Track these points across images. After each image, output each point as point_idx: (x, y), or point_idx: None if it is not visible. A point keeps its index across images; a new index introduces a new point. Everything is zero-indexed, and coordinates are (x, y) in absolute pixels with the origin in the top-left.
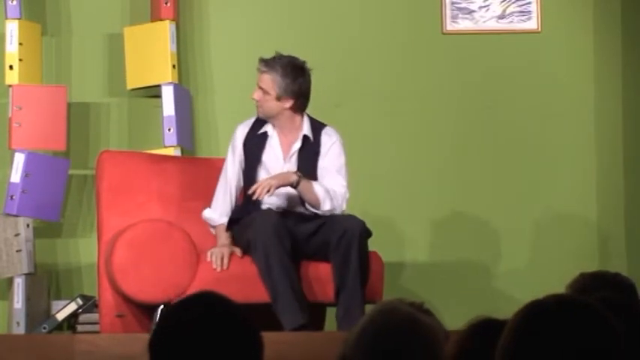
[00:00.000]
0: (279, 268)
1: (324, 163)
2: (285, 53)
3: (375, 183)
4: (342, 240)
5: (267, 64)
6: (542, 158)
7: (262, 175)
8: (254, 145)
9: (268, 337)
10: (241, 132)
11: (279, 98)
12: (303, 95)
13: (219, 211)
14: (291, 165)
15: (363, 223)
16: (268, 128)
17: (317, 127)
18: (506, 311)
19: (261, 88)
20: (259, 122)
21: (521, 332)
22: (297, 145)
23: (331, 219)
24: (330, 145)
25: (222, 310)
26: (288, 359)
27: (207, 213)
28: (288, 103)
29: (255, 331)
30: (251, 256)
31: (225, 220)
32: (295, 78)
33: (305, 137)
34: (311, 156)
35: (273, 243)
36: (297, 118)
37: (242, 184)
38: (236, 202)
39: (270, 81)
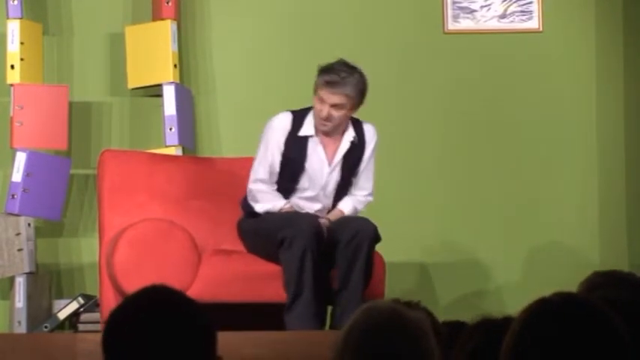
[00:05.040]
0: (310, 273)
1: (363, 164)
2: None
3: (377, 183)
4: (353, 241)
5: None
6: (544, 157)
7: (304, 180)
8: (295, 149)
9: (268, 337)
10: (283, 127)
11: (352, 109)
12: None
13: (274, 197)
14: (336, 169)
15: (375, 228)
16: (310, 131)
17: (358, 126)
18: (509, 310)
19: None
20: (298, 119)
21: (527, 329)
22: (345, 148)
23: (345, 219)
24: (372, 146)
25: (170, 303)
26: (288, 359)
27: (261, 208)
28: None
29: (206, 325)
30: (279, 253)
31: (284, 200)
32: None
33: (352, 140)
34: (355, 158)
35: (313, 246)
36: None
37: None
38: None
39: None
